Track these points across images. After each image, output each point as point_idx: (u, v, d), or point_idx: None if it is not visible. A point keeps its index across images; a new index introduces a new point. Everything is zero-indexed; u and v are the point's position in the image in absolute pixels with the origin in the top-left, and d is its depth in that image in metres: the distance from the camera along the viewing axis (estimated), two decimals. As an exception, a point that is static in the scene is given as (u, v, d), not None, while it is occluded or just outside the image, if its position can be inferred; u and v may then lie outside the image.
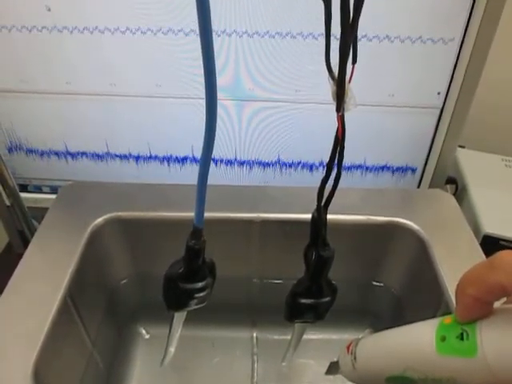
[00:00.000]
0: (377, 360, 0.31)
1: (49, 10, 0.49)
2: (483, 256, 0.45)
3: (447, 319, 0.26)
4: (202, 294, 0.39)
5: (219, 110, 0.28)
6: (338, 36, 0.27)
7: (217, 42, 0.50)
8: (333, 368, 0.36)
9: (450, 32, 0.49)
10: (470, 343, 0.23)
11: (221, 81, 0.52)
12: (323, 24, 0.28)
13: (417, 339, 0.27)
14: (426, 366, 0.26)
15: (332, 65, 0.29)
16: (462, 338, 0.24)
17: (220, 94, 0.27)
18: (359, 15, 0.27)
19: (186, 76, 0.53)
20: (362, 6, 0.27)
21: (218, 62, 0.51)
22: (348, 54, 0.28)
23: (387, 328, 0.32)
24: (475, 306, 0.23)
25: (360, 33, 0.48)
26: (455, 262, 0.45)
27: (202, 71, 0.26)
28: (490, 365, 0.22)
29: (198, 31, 0.24)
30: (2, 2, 0.49)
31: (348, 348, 0.34)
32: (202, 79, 0.26)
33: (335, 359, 0.36)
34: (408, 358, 0.28)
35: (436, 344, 0.25)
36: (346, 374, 0.34)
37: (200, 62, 0.26)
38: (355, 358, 0.32)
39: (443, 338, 0.25)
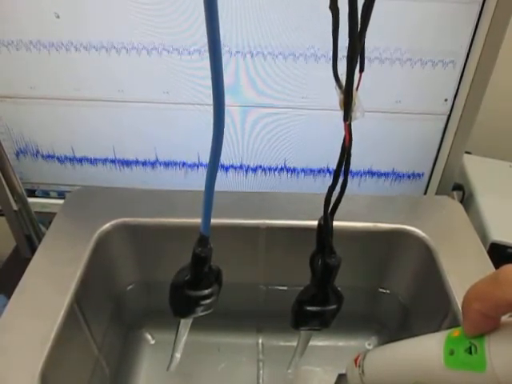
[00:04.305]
0: (385, 374, 0.31)
1: (57, 16, 0.50)
2: (491, 264, 0.45)
3: (455, 332, 0.26)
4: (208, 301, 0.39)
5: (226, 117, 0.28)
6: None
7: (223, 51, 0.50)
8: (341, 380, 0.36)
9: (457, 38, 0.49)
10: (479, 357, 0.23)
11: (227, 87, 0.52)
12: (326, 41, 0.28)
13: (425, 353, 0.27)
14: (434, 380, 0.26)
15: (339, 73, 0.30)
16: (470, 352, 0.24)
17: (227, 101, 0.27)
18: (367, 24, 0.27)
19: (193, 83, 0.53)
20: (370, 15, 0.27)
21: (225, 69, 0.51)
22: (356, 64, 0.28)
23: (393, 336, 0.32)
24: (482, 321, 0.23)
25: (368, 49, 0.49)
26: (462, 270, 0.45)
27: (209, 78, 0.26)
28: (500, 379, 0.22)
29: (205, 48, 0.24)
30: (12, 13, 0.50)
31: (356, 361, 0.34)
32: (209, 85, 0.26)
33: (343, 371, 0.36)
34: (416, 372, 0.27)
35: (444, 358, 0.25)
36: None
37: (208, 70, 0.26)
38: (363, 372, 0.32)
39: (451, 352, 0.25)
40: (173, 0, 0.48)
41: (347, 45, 0.27)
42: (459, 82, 0.51)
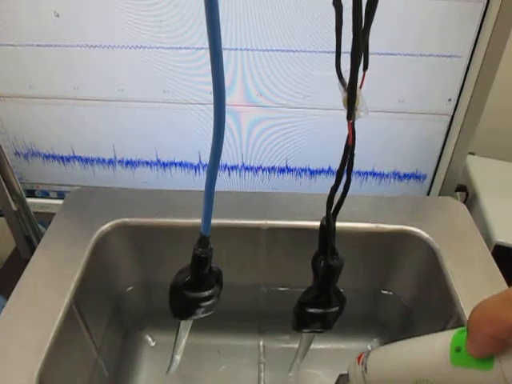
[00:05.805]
0: (388, 372, 0.31)
1: (57, 15, 0.49)
2: (495, 266, 0.44)
3: (463, 330, 0.25)
4: (208, 303, 0.38)
5: (226, 116, 0.27)
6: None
7: (224, 51, 0.50)
8: (342, 381, 0.36)
9: (461, 39, 0.48)
10: None
11: (229, 87, 0.52)
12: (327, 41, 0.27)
13: (431, 349, 0.27)
14: (439, 377, 0.26)
15: (342, 71, 0.29)
16: None
17: (228, 100, 0.26)
18: (371, 20, 0.26)
19: (194, 82, 0.53)
20: (374, 12, 0.26)
21: (226, 68, 0.51)
22: (359, 61, 0.27)
23: (396, 337, 0.31)
24: (492, 344, 0.23)
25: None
26: (466, 272, 0.44)
27: (210, 77, 0.26)
28: (507, 378, 0.22)
29: (206, 46, 0.24)
30: (12, 12, 0.50)
31: (359, 359, 0.33)
32: (210, 85, 0.26)
33: (345, 372, 0.35)
34: (421, 368, 0.27)
35: (451, 355, 0.25)
36: None
37: (208, 68, 0.26)
38: (366, 369, 0.32)
39: (458, 349, 0.25)
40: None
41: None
42: (463, 82, 0.51)
